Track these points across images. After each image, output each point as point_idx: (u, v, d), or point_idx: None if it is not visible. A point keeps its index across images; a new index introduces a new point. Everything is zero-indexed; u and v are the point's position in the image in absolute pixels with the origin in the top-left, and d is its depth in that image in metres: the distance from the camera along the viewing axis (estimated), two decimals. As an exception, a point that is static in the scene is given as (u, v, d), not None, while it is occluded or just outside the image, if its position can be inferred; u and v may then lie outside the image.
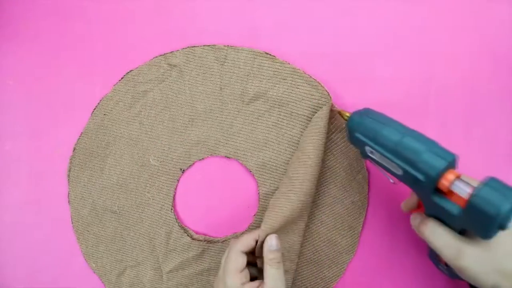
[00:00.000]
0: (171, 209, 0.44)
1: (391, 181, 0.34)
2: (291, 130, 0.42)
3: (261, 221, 0.43)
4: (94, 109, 0.44)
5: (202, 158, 0.44)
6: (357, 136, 0.33)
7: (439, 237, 0.30)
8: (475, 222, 0.27)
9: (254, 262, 0.38)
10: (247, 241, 0.36)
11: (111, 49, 0.44)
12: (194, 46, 0.42)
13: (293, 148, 0.42)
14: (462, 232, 0.30)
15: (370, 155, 0.33)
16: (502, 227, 0.26)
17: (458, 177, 0.28)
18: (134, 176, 0.44)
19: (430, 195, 0.29)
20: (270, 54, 0.41)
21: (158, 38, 0.43)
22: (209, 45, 0.42)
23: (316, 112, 0.40)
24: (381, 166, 0.33)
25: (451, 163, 0.29)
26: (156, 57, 0.43)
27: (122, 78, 0.44)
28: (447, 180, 0.28)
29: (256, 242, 0.36)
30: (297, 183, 0.38)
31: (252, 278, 0.36)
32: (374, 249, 0.43)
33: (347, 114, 0.36)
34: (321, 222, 0.42)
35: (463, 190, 0.28)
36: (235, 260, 0.35)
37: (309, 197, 0.38)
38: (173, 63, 0.43)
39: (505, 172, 0.40)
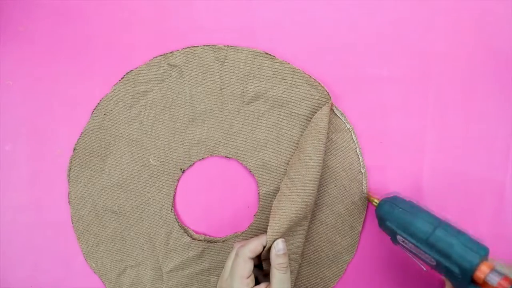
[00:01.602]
0: (171, 209, 0.44)
1: (424, 269, 0.35)
2: (291, 130, 0.42)
3: (262, 221, 0.43)
4: (94, 109, 0.44)
5: (202, 158, 0.44)
6: (388, 225, 0.35)
7: None
8: None
9: (257, 264, 0.38)
10: (255, 247, 0.36)
11: (111, 49, 0.44)
12: (194, 46, 0.43)
13: (293, 148, 0.42)
14: None
15: (402, 243, 0.34)
16: None
17: (492, 269, 0.29)
18: (134, 176, 0.44)
19: (465, 286, 0.30)
20: (270, 54, 0.41)
21: (158, 38, 0.43)
22: (209, 45, 0.42)
23: (316, 112, 0.40)
24: (414, 254, 0.34)
25: (484, 257, 0.29)
26: (156, 57, 0.43)
27: (122, 78, 0.44)
28: (482, 272, 0.29)
29: (263, 247, 0.36)
30: (300, 184, 0.38)
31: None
32: (374, 249, 0.43)
33: (376, 201, 0.38)
34: (321, 222, 0.42)
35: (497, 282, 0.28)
36: (243, 266, 0.35)
37: (312, 198, 0.38)
38: (173, 63, 0.43)
39: (503, 171, 0.41)
